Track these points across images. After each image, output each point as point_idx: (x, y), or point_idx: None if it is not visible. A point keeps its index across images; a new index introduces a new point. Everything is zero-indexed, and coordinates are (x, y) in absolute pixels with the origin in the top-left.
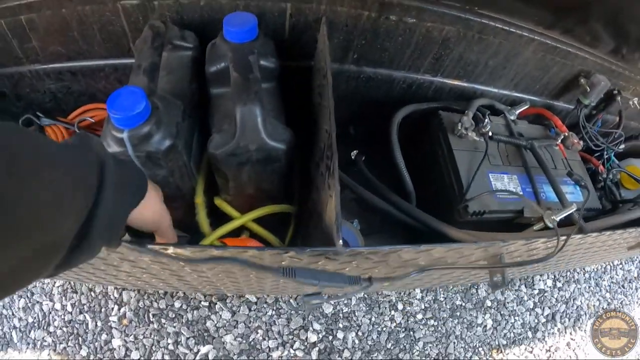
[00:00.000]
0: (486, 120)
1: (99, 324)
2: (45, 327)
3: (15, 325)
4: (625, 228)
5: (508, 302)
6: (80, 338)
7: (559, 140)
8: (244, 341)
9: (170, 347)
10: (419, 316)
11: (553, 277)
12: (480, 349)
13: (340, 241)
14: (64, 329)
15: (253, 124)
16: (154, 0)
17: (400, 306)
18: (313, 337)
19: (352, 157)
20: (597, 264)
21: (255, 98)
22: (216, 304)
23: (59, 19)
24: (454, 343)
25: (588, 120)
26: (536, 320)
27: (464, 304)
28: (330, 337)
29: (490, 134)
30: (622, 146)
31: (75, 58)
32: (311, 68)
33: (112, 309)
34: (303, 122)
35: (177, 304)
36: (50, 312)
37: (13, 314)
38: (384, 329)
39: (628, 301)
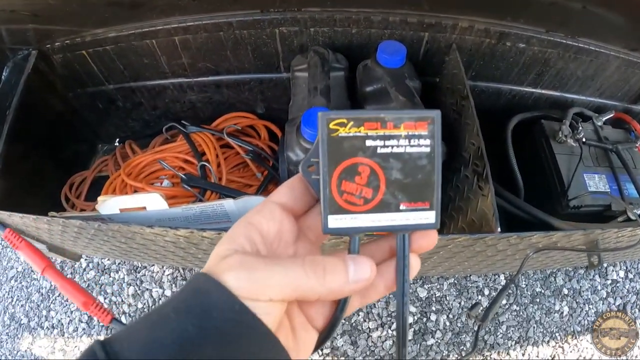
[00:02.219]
0: (580, 127)
1: None
2: None
3: (124, 311)
4: None
5: (583, 291)
6: None
7: (639, 143)
8: (346, 322)
9: None
10: (503, 301)
11: (625, 268)
12: (557, 334)
13: (499, 228)
14: None
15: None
16: (311, 28)
17: (486, 292)
18: (410, 319)
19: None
20: None
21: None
22: None
23: (214, 41)
24: (534, 327)
25: None
26: (608, 309)
27: (543, 291)
28: (425, 319)
29: (584, 140)
30: None
31: (223, 73)
32: (434, 84)
33: None
34: None
35: None
36: (160, 298)
37: (122, 301)
38: (467, 312)
39: None
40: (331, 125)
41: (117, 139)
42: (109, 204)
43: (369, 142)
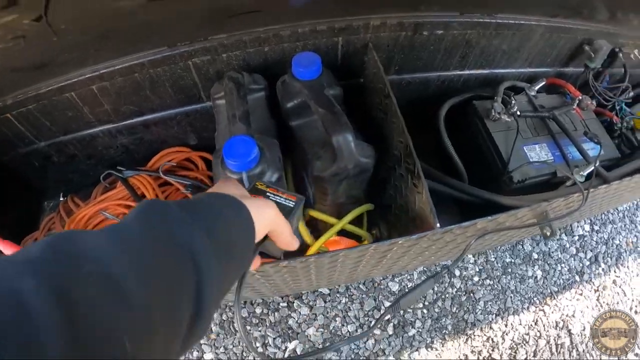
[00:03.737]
0: (513, 101)
1: None
2: None
3: None
4: None
5: (552, 252)
6: None
7: (575, 105)
8: (325, 330)
9: (260, 349)
10: (476, 278)
11: (590, 222)
12: (535, 298)
13: (438, 224)
14: None
15: (348, 148)
16: (222, 54)
17: (457, 272)
18: (386, 315)
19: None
20: (627, 203)
21: (346, 128)
22: (294, 302)
23: (131, 83)
24: (511, 297)
25: (596, 79)
26: (581, 264)
27: (513, 260)
28: (402, 312)
29: (518, 113)
30: (631, 94)
31: (147, 112)
32: (358, 85)
33: None
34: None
35: (258, 310)
36: None
37: None
38: (447, 295)
39: None
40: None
41: (61, 194)
42: None
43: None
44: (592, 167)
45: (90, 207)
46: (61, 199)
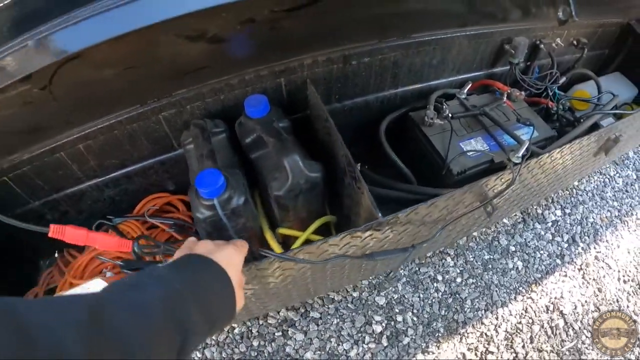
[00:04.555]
0: (444, 106)
1: None
2: None
3: None
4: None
5: (529, 242)
6: None
7: (504, 98)
8: (323, 352)
9: None
10: (458, 279)
11: (560, 206)
12: (520, 288)
13: (380, 214)
14: None
15: (298, 167)
16: (186, 106)
17: (439, 277)
18: (378, 328)
19: (359, 169)
20: (579, 178)
21: (293, 150)
22: (287, 330)
23: (112, 139)
24: (496, 291)
25: (525, 72)
26: (559, 248)
27: (492, 256)
28: (392, 323)
29: (450, 115)
30: (563, 79)
31: (128, 165)
32: (307, 116)
33: None
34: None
35: (255, 343)
36: None
37: None
38: (433, 300)
39: (636, 202)
40: None
41: (56, 250)
42: None
43: None
44: (525, 147)
45: (86, 255)
46: (56, 255)
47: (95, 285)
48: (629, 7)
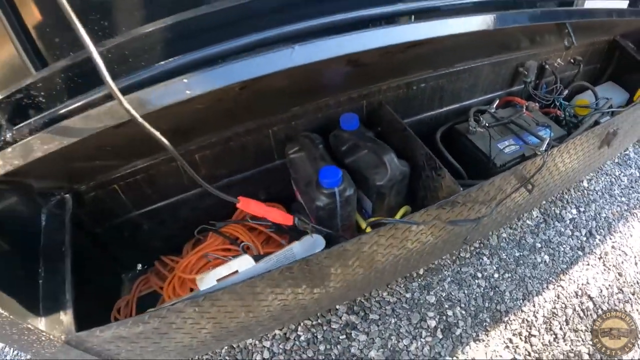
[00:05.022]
0: (481, 119)
1: None
2: None
3: None
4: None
5: (552, 238)
6: None
7: (524, 109)
8: (385, 349)
9: None
10: (496, 275)
11: (575, 206)
12: (550, 278)
13: (461, 188)
14: None
15: (394, 162)
16: (292, 122)
17: (479, 274)
18: (432, 323)
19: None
20: (589, 172)
21: (390, 150)
22: (351, 333)
23: (227, 150)
24: (530, 282)
25: (536, 88)
26: (579, 241)
27: (522, 253)
28: (444, 317)
29: (487, 124)
30: (566, 91)
31: (233, 174)
32: (377, 132)
33: None
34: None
35: (321, 347)
36: None
37: None
38: (477, 294)
39: (638, 190)
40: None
41: (139, 264)
42: (207, 279)
43: None
44: (547, 142)
45: (192, 256)
46: (138, 269)
47: (244, 262)
48: (614, 26)
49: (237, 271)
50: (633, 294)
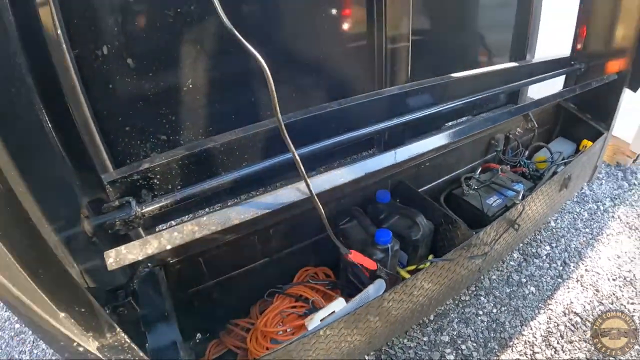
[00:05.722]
0: (471, 183)
1: None
2: None
3: None
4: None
5: (534, 272)
6: None
7: (500, 172)
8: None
9: None
10: (494, 310)
11: (548, 243)
12: (539, 304)
13: (474, 232)
14: None
15: (424, 221)
16: (341, 199)
17: (480, 312)
18: (451, 357)
19: None
20: (555, 212)
21: (419, 214)
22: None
23: (292, 226)
24: (524, 311)
25: (504, 153)
26: (557, 271)
27: (512, 289)
28: (460, 351)
29: (475, 187)
30: (526, 152)
31: (294, 244)
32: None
33: None
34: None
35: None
36: None
37: None
38: (482, 328)
39: (602, 224)
40: None
41: (198, 334)
42: (313, 320)
43: None
44: (522, 193)
45: (269, 313)
46: (197, 338)
47: (339, 304)
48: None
49: (334, 311)
50: (612, 304)
